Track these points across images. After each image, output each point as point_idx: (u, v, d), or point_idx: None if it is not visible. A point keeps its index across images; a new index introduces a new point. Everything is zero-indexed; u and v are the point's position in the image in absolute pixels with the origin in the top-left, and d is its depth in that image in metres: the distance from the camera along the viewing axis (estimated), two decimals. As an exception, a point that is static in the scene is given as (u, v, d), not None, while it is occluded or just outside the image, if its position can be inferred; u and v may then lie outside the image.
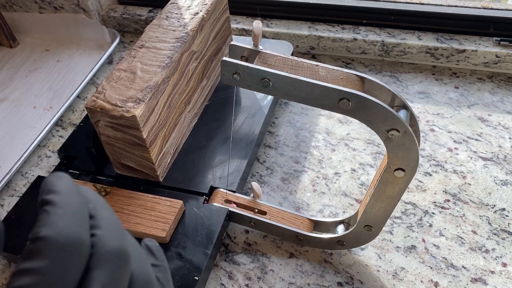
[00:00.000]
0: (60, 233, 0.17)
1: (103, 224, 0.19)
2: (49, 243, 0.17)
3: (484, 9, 0.67)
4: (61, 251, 0.17)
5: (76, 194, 0.19)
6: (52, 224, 0.17)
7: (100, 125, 0.44)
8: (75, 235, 0.17)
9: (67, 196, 0.19)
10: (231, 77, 0.34)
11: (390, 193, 0.37)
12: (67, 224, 0.17)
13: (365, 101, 0.31)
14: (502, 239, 0.47)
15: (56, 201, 0.18)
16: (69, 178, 0.20)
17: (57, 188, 0.19)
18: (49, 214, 0.18)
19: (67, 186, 0.19)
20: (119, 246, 0.19)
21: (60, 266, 0.17)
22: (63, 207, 0.18)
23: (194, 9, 0.53)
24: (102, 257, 0.18)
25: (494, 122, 0.59)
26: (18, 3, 0.80)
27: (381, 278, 0.45)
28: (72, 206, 0.18)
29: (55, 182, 0.19)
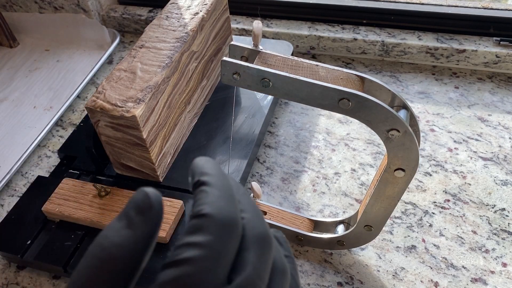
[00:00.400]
0: (221, 212, 0.18)
1: (249, 209, 0.20)
2: (212, 220, 0.18)
3: (484, 9, 0.67)
4: (222, 228, 0.18)
5: (226, 178, 0.20)
6: (213, 203, 0.18)
7: (100, 125, 0.44)
8: (232, 215, 0.18)
9: (220, 179, 0.20)
10: (231, 77, 0.34)
11: (390, 193, 0.37)
12: (225, 204, 0.19)
13: (365, 101, 0.31)
14: (502, 239, 0.47)
15: (212, 182, 0.19)
16: (215, 162, 0.21)
17: (210, 171, 0.20)
18: (207, 194, 0.19)
19: (217, 169, 0.20)
20: (265, 231, 0.20)
21: (222, 242, 0.18)
22: (219, 189, 0.19)
23: (194, 9, 0.53)
24: (251, 240, 0.19)
25: (494, 122, 0.59)
26: (18, 3, 0.80)
27: (381, 278, 0.45)
28: (226, 189, 0.19)
29: (206, 165, 0.20)
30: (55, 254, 0.44)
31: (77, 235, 0.46)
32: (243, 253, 0.19)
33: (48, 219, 0.48)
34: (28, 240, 0.46)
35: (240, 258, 0.18)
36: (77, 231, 0.46)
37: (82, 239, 0.46)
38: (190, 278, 0.17)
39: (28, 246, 0.46)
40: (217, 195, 0.19)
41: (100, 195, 0.47)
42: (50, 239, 0.46)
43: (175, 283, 0.17)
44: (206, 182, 0.19)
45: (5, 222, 0.48)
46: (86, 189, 0.48)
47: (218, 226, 0.18)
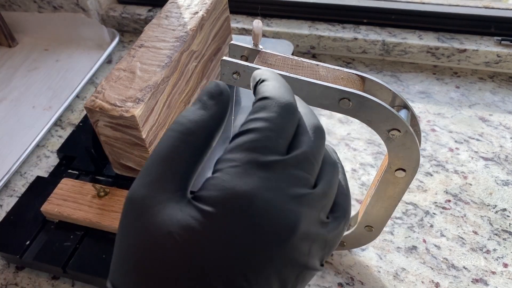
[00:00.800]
0: (281, 95, 0.21)
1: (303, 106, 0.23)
2: (274, 101, 0.21)
3: (485, 9, 0.67)
4: (282, 108, 0.21)
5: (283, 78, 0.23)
6: (274, 90, 0.22)
7: (99, 125, 0.44)
8: (292, 101, 0.22)
9: (278, 78, 0.23)
10: (231, 77, 0.34)
11: (391, 193, 0.36)
12: (286, 93, 0.22)
13: (365, 101, 0.31)
14: (503, 240, 0.47)
15: (271, 77, 0.23)
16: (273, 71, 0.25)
17: (268, 73, 0.24)
18: (268, 85, 0.22)
19: (275, 74, 0.24)
20: (319, 124, 0.23)
21: (283, 119, 0.21)
22: (278, 81, 0.23)
23: (194, 8, 0.53)
24: (307, 127, 0.22)
25: (495, 122, 0.59)
26: (17, 2, 0.80)
27: (382, 279, 0.45)
28: (284, 83, 0.23)
29: (265, 71, 0.24)
30: (54, 255, 0.44)
31: (76, 236, 0.46)
32: (299, 136, 0.21)
33: (47, 220, 0.48)
34: (27, 240, 0.46)
35: (297, 139, 0.21)
36: (76, 231, 0.46)
37: (81, 239, 0.46)
38: (256, 143, 0.20)
39: (27, 247, 0.46)
40: (277, 86, 0.22)
41: (99, 195, 0.47)
42: (49, 240, 0.46)
43: (244, 146, 0.20)
44: (266, 78, 0.23)
45: (4, 222, 0.48)
46: (85, 189, 0.48)
47: (279, 106, 0.21)
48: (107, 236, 0.45)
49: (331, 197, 0.23)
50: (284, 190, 0.20)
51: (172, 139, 0.21)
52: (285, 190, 0.20)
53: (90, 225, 0.46)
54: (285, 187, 0.20)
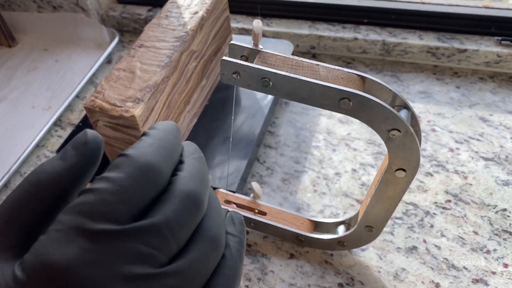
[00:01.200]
0: (142, 156, 0.18)
1: (188, 169, 0.20)
2: (130, 160, 0.18)
3: (485, 9, 0.66)
4: (138, 170, 0.18)
5: (174, 137, 0.20)
6: (139, 148, 0.19)
7: (99, 125, 0.44)
8: (155, 163, 0.19)
9: (163, 133, 0.20)
10: (231, 77, 0.34)
11: (391, 193, 0.36)
12: (152, 152, 0.19)
13: (366, 101, 0.31)
14: (503, 240, 0.47)
15: (151, 133, 0.20)
16: (174, 124, 0.21)
17: (158, 125, 0.21)
18: (141, 141, 0.20)
19: (168, 127, 0.21)
20: (194, 191, 0.19)
21: (133, 183, 0.18)
22: (155, 139, 0.20)
23: (194, 8, 0.52)
24: (174, 194, 0.19)
25: (496, 122, 0.59)
26: (17, 2, 0.80)
27: (382, 279, 0.45)
28: (164, 142, 0.20)
29: (158, 123, 0.21)
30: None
31: (76, 236, 0.45)
32: (159, 204, 0.18)
33: (46, 220, 0.48)
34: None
35: (156, 207, 0.18)
36: (76, 231, 0.46)
37: (80, 239, 0.45)
38: (89, 206, 0.17)
39: (26, 247, 0.45)
40: (148, 143, 0.19)
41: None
42: (49, 240, 0.45)
43: (76, 209, 0.17)
44: (146, 132, 0.20)
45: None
46: None
47: (133, 167, 0.18)
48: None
49: (193, 278, 0.18)
50: (112, 266, 0.16)
51: (20, 189, 0.19)
52: (113, 267, 0.16)
53: (89, 225, 0.46)
54: (114, 263, 0.16)
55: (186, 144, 0.22)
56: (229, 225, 0.22)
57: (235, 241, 0.22)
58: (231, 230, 0.22)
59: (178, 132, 0.21)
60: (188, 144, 0.22)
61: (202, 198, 0.19)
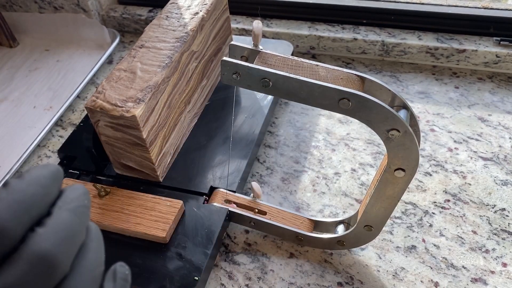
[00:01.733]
0: None
1: (52, 225, 0.18)
2: None
3: (484, 9, 0.67)
4: None
5: (39, 186, 0.18)
6: None
7: (100, 125, 0.44)
8: (3, 221, 0.17)
9: (24, 184, 0.18)
10: (231, 77, 0.34)
11: (390, 193, 0.37)
12: (4, 210, 0.17)
13: (365, 101, 0.31)
14: (502, 239, 0.47)
15: (11, 185, 0.18)
16: (50, 169, 0.19)
17: (26, 174, 0.19)
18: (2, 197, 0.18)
19: (36, 175, 0.19)
20: (49, 251, 0.17)
21: None
22: (12, 193, 0.18)
23: (194, 9, 0.53)
24: (23, 255, 0.17)
25: (494, 122, 0.59)
26: (18, 3, 0.80)
27: (381, 278, 0.45)
28: (21, 195, 0.18)
29: (30, 169, 0.19)
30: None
31: (77, 235, 0.46)
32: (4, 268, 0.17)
33: (48, 219, 0.48)
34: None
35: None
36: (77, 231, 0.46)
37: (82, 239, 0.46)
38: None
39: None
40: (6, 200, 0.18)
41: (100, 195, 0.47)
42: (50, 239, 0.46)
43: None
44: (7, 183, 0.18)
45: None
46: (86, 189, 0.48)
47: None
48: (108, 235, 0.45)
49: None
50: None
51: None
52: None
53: (91, 225, 0.46)
54: None
55: (71, 189, 0.20)
56: (108, 281, 0.21)
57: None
58: (109, 286, 0.20)
59: (52, 179, 0.19)
60: (71, 190, 0.20)
61: (58, 258, 0.17)
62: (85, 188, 0.20)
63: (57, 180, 0.19)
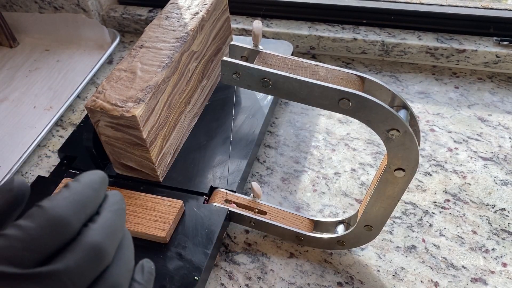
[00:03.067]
0: (54, 207, 0.20)
1: (101, 222, 0.21)
2: (41, 211, 0.20)
3: (484, 9, 0.67)
4: (47, 222, 0.20)
5: (92, 189, 0.22)
6: (53, 200, 0.20)
7: (100, 125, 0.44)
8: (66, 216, 0.20)
9: (82, 187, 0.22)
10: (231, 77, 0.34)
11: (390, 193, 0.37)
12: (65, 205, 0.20)
13: (365, 101, 0.31)
14: (502, 239, 0.47)
15: (70, 186, 0.22)
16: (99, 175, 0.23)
17: (80, 178, 0.22)
18: (59, 194, 0.21)
19: (90, 179, 0.22)
20: (100, 243, 0.21)
21: (41, 233, 0.19)
22: (71, 192, 0.21)
23: (194, 9, 0.53)
24: (79, 244, 0.20)
25: (494, 122, 0.59)
26: (18, 3, 0.80)
27: (381, 278, 0.45)
28: (79, 196, 0.21)
29: (84, 174, 0.23)
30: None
31: (77, 235, 0.46)
32: (64, 253, 0.20)
33: (48, 219, 0.48)
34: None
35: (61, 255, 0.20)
36: (77, 231, 0.46)
37: (82, 239, 0.46)
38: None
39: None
40: (64, 196, 0.21)
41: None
42: (50, 239, 0.46)
43: None
44: (67, 185, 0.22)
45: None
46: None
47: (43, 218, 0.20)
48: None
49: None
50: None
51: None
52: None
53: (91, 225, 0.46)
54: None
55: (112, 194, 0.24)
56: (138, 273, 0.24)
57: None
58: (138, 278, 0.24)
59: (101, 184, 0.23)
60: (113, 195, 0.24)
61: (107, 249, 0.21)
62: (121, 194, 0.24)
63: (105, 184, 0.23)
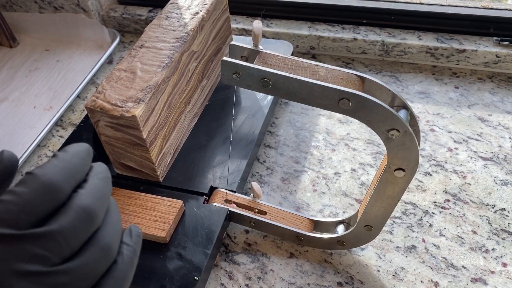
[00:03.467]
0: (45, 174, 0.21)
1: (89, 188, 0.23)
2: (33, 177, 0.21)
3: (484, 9, 0.67)
4: (39, 186, 0.21)
5: (80, 158, 0.23)
6: (44, 168, 0.22)
7: (100, 125, 0.44)
8: (57, 181, 0.21)
9: (69, 155, 0.23)
10: (231, 77, 0.34)
11: (390, 193, 0.37)
12: (55, 172, 0.22)
13: (365, 101, 0.31)
14: (502, 239, 0.47)
15: (59, 155, 0.23)
16: (85, 146, 0.24)
17: (67, 148, 0.24)
18: (48, 162, 0.22)
19: (76, 150, 0.24)
20: (90, 205, 0.22)
21: (34, 197, 0.21)
22: (60, 160, 0.22)
23: (194, 9, 0.53)
24: (71, 207, 0.21)
25: (494, 122, 0.59)
26: (18, 3, 0.80)
27: (381, 278, 0.45)
28: (68, 163, 0.23)
29: (70, 146, 0.24)
30: (55, 254, 0.44)
31: (77, 235, 0.46)
32: (57, 215, 0.21)
33: (48, 219, 0.48)
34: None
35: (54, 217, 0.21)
36: (77, 231, 0.46)
37: (82, 239, 0.46)
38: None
39: (28, 246, 0.46)
40: (53, 164, 0.22)
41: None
42: (50, 239, 0.46)
43: None
44: (55, 154, 0.23)
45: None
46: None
47: (36, 183, 0.21)
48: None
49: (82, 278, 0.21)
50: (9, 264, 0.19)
51: None
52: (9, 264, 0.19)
53: (91, 225, 0.46)
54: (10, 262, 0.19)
55: (97, 165, 0.25)
56: (126, 236, 0.25)
57: (129, 250, 0.24)
58: (126, 240, 0.25)
59: (87, 154, 0.24)
60: (98, 165, 0.25)
61: (96, 212, 0.22)
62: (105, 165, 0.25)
63: (90, 155, 0.24)
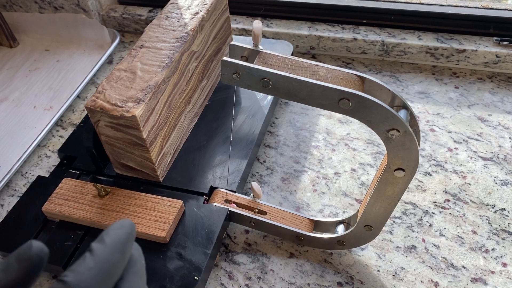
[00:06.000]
0: (79, 284, 0.19)
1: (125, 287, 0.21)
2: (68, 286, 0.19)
3: (484, 9, 0.67)
4: None
5: (119, 253, 0.21)
6: (79, 274, 0.19)
7: (100, 125, 0.44)
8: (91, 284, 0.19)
9: (107, 252, 0.21)
10: (231, 77, 0.34)
11: (390, 193, 0.37)
12: (90, 279, 0.19)
13: (365, 101, 0.31)
14: (502, 239, 0.47)
15: (96, 252, 0.20)
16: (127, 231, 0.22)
17: (106, 237, 0.21)
18: (84, 261, 0.20)
19: (116, 240, 0.21)
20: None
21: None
22: (97, 261, 0.20)
23: (194, 9, 0.53)
24: None
25: (494, 122, 0.59)
26: (18, 3, 0.80)
27: (381, 278, 0.45)
28: (106, 264, 0.20)
29: (110, 231, 0.21)
30: (55, 254, 0.44)
31: (77, 235, 0.46)
32: None
33: (48, 219, 0.48)
34: (28, 240, 0.46)
35: None
36: (77, 231, 0.46)
37: (82, 239, 0.46)
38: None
39: (28, 246, 0.46)
40: (89, 267, 0.20)
41: (100, 195, 0.47)
42: (50, 239, 0.46)
43: None
44: (92, 249, 0.20)
45: (5, 222, 0.48)
46: (86, 189, 0.48)
47: None
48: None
49: None
50: None
51: None
52: None
53: (91, 225, 0.46)
54: None
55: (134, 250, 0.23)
56: None
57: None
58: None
59: (128, 243, 0.22)
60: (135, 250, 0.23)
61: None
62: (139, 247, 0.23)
63: (131, 241, 0.22)
